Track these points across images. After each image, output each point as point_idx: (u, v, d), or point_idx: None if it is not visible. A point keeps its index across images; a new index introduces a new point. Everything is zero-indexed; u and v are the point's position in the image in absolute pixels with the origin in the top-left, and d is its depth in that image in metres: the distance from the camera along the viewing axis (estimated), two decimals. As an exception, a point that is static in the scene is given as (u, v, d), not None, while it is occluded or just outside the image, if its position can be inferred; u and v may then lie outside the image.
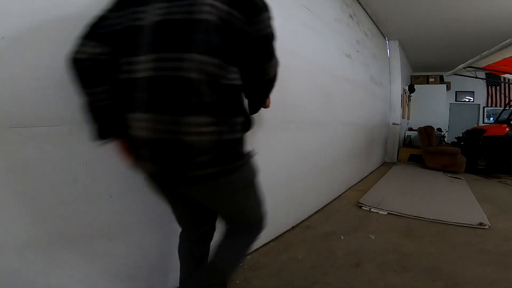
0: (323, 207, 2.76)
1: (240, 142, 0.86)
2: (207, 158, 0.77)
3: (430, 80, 7.90)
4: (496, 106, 8.03)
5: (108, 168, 1.12)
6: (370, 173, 4.67)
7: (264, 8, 0.82)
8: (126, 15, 0.81)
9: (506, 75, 5.11)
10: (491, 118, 7.82)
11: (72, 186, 1.04)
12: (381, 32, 5.26)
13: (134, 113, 0.79)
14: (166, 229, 1.34)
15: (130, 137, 0.83)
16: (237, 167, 0.84)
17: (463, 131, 5.93)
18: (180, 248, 1.10)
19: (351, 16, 3.41)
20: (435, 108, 7.77)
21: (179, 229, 1.09)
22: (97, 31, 0.80)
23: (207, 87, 0.74)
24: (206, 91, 0.74)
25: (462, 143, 5.45)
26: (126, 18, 0.81)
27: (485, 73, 6.03)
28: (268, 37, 0.84)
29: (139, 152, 0.83)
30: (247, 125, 0.89)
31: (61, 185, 1.01)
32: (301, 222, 2.37)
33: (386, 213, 2.66)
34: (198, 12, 0.74)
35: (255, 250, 1.84)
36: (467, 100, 8.55)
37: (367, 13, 4.30)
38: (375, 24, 4.79)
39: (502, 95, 7.93)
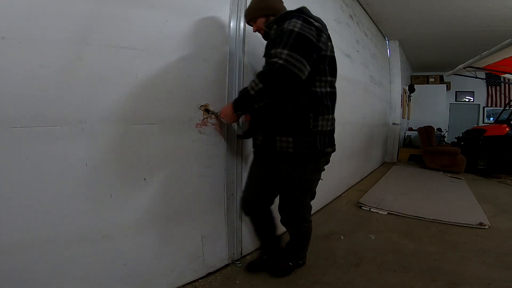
0: (323, 207, 2.76)
1: None
2: None
3: (430, 80, 7.90)
4: (496, 106, 8.04)
5: (108, 168, 1.12)
6: (370, 173, 4.67)
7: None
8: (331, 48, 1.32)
9: (506, 75, 5.09)
10: (491, 118, 7.83)
11: (72, 186, 1.04)
12: (381, 32, 5.26)
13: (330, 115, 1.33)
14: (167, 229, 1.34)
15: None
16: None
17: (463, 131, 5.93)
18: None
19: (351, 16, 3.41)
20: (435, 108, 7.77)
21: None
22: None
23: None
24: None
25: (462, 143, 5.44)
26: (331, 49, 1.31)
27: (485, 73, 6.03)
28: None
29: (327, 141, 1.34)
30: None
31: (61, 185, 1.01)
32: (301, 222, 2.36)
33: (386, 213, 2.66)
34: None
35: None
36: (467, 100, 8.55)
37: (367, 13, 4.30)
38: (375, 24, 4.79)
39: (502, 95, 7.94)
